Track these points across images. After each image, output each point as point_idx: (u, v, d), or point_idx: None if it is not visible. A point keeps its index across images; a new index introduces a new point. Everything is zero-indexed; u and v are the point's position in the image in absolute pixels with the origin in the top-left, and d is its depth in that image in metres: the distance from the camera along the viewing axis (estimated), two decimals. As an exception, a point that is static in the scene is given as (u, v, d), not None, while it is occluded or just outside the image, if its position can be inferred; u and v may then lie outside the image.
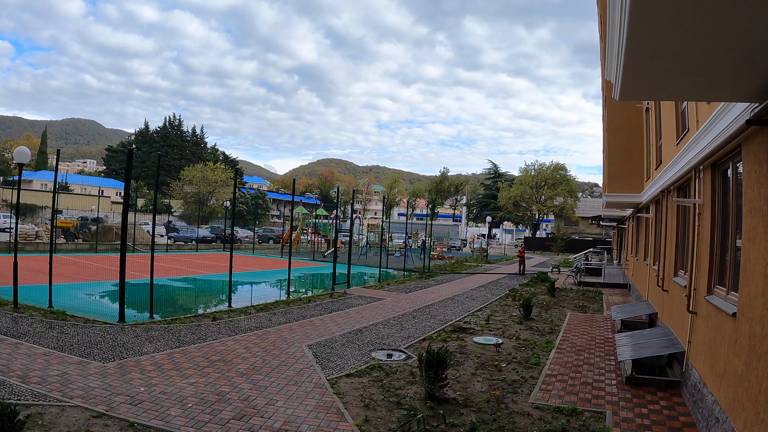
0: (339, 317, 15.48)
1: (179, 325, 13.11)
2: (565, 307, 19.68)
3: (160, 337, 11.78)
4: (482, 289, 25.44)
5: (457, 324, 15.48)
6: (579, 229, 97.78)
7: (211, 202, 71.05)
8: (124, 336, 11.74)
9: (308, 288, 24.52)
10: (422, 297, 21.08)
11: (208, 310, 15.33)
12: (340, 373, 9.73)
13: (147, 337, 11.79)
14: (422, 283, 26.32)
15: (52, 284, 14.78)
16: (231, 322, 13.81)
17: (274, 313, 15.59)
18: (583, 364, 11.33)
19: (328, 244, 45.94)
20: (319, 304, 17.64)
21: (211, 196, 71.78)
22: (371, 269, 33.14)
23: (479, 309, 18.75)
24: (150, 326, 12.88)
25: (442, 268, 35.68)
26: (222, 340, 11.84)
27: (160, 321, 13.54)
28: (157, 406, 7.50)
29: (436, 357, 8.44)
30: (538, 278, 30.45)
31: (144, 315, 14.25)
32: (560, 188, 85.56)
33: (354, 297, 19.86)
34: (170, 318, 13.97)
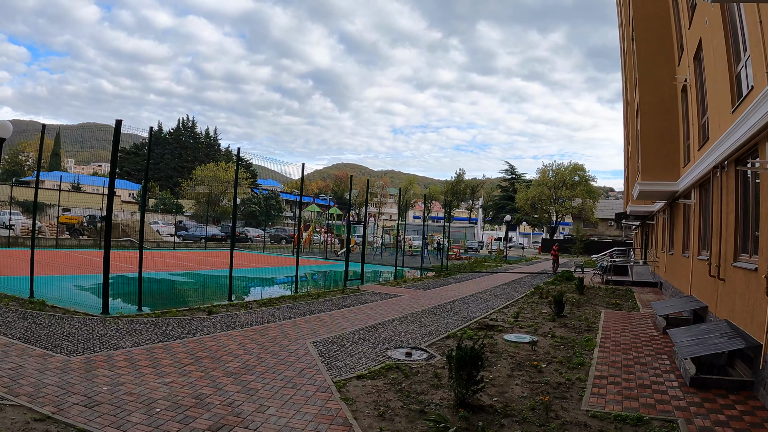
0: (350, 313, 13.83)
1: (168, 319, 11.54)
2: (597, 305, 18.23)
3: (142, 331, 10.21)
4: (505, 287, 23.72)
5: (483, 321, 13.83)
6: (598, 231, 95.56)
7: (223, 203, 69.78)
8: (102, 328, 10.21)
9: (319, 285, 22.96)
10: (442, 294, 19.40)
11: (205, 304, 13.72)
12: (350, 374, 8.08)
13: (128, 330, 10.22)
14: (441, 281, 24.63)
15: (44, 276, 13.48)
16: (228, 317, 12.21)
17: (278, 308, 13.97)
18: (634, 363, 9.73)
19: (342, 243, 44.36)
20: (329, 300, 16.01)
21: (223, 196, 70.51)
22: (386, 268, 31.57)
23: (505, 306, 17.11)
24: (135, 319, 11.33)
25: (461, 268, 33.98)
26: (214, 335, 10.24)
27: (148, 314, 11.98)
28: (116, 410, 5.94)
29: (469, 355, 6.78)
30: (563, 277, 29.11)
31: (132, 307, 12.69)
32: (579, 189, 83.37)
33: (368, 293, 18.21)
34: (160, 311, 12.40)
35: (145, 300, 13.76)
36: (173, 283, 19.96)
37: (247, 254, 36.95)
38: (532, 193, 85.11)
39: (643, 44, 21.59)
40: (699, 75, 15.51)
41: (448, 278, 26.09)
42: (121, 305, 13.11)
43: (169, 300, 15.43)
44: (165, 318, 11.61)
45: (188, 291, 18.48)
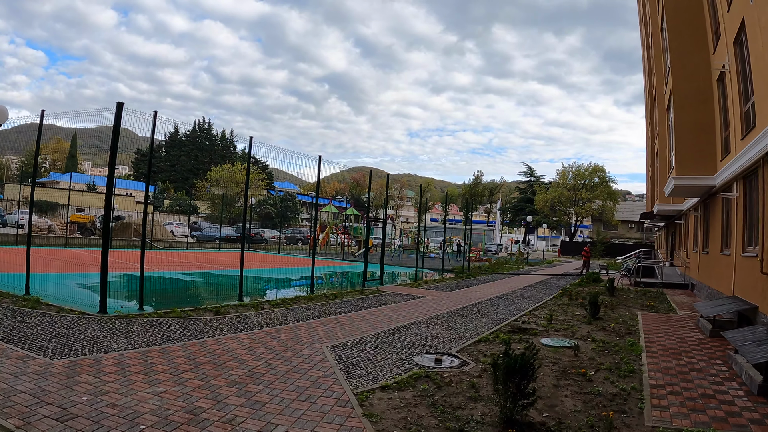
0: (371, 315, 12.70)
1: (171, 319, 10.48)
2: (631, 307, 17.13)
3: (140, 332, 9.17)
4: (531, 288, 22.50)
5: (515, 324, 12.66)
6: (618, 234, 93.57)
7: (239, 204, 69.04)
8: (96, 328, 9.20)
9: (336, 286, 21.89)
10: (466, 295, 18.23)
11: (213, 304, 12.66)
12: (373, 384, 6.95)
13: (125, 331, 9.19)
14: (463, 282, 23.44)
15: (46, 273, 12.58)
16: (237, 318, 11.14)
17: (292, 309, 12.88)
18: (689, 370, 8.59)
19: (359, 245, 43.28)
20: (347, 301, 14.90)
21: (238, 197, 69.77)
22: (404, 269, 30.43)
23: (535, 308, 15.91)
24: (134, 319, 10.30)
25: (483, 269, 32.74)
26: (219, 337, 9.15)
27: (149, 314, 10.94)
28: (92, 426, 4.88)
29: (518, 363, 5.63)
30: (590, 279, 27.96)
31: (133, 307, 11.66)
32: (599, 190, 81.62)
33: (388, 294, 17.07)
34: (163, 311, 11.35)
35: (150, 299, 12.83)
36: (182, 282, 19.00)
37: (262, 255, 36.02)
38: (551, 195, 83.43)
39: (676, 34, 20.71)
40: (740, 59, 14.50)
41: (470, 280, 24.90)
42: (122, 304, 12.06)
43: (176, 300, 14.43)
44: (167, 318, 10.56)
45: (197, 291, 17.46)
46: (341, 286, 21.83)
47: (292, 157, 14.89)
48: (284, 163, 61.53)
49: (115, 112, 11.21)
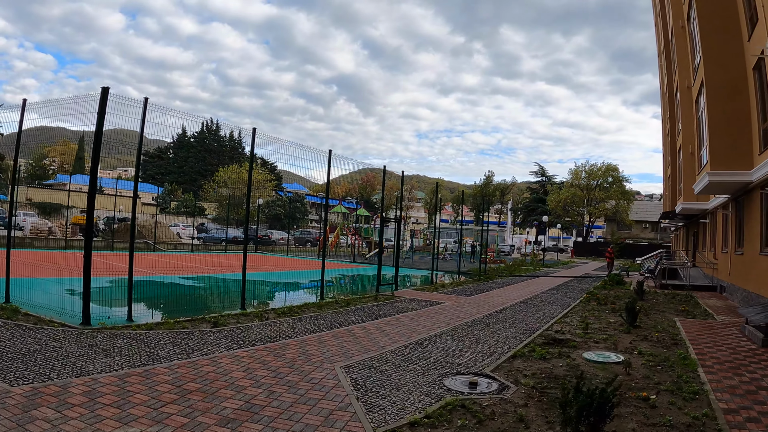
0: (388, 325, 11.35)
1: (162, 332, 9.19)
2: (665, 312, 15.90)
3: (123, 349, 7.88)
4: (554, 292, 21.13)
5: (548, 334, 11.33)
6: (632, 234, 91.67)
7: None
8: (74, 345, 7.94)
9: (347, 291, 20.60)
10: (488, 300, 16.88)
11: (212, 314, 11.35)
12: (398, 419, 5.61)
13: (106, 347, 7.91)
14: (482, 285, 22.07)
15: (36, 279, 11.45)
16: (237, 330, 9.82)
17: (300, 318, 11.55)
18: (756, 389, 7.37)
19: (370, 246, 41.93)
20: (360, 308, 13.56)
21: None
22: (417, 271, 29.08)
23: (564, 315, 14.57)
24: (120, 332, 9.02)
25: (499, 271, 31.39)
26: (215, 355, 7.84)
27: (138, 325, 9.65)
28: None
29: (596, 402, 4.29)
30: (613, 281, 26.56)
31: (121, 316, 10.38)
32: (613, 190, 79.94)
33: (404, 300, 15.72)
34: (154, 322, 10.05)
35: (142, 308, 11.58)
36: (181, 288, 17.67)
37: (270, 257, 34.76)
38: (564, 195, 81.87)
39: (707, 22, 19.76)
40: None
41: (488, 283, 23.53)
42: (110, 314, 10.75)
43: (171, 308, 13.10)
44: (157, 332, 9.27)
45: (196, 297, 16.10)
46: (353, 291, 20.53)
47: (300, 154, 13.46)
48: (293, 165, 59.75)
49: (100, 98, 9.95)
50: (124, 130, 10.58)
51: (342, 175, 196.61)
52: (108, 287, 15.04)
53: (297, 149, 14.16)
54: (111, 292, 14.03)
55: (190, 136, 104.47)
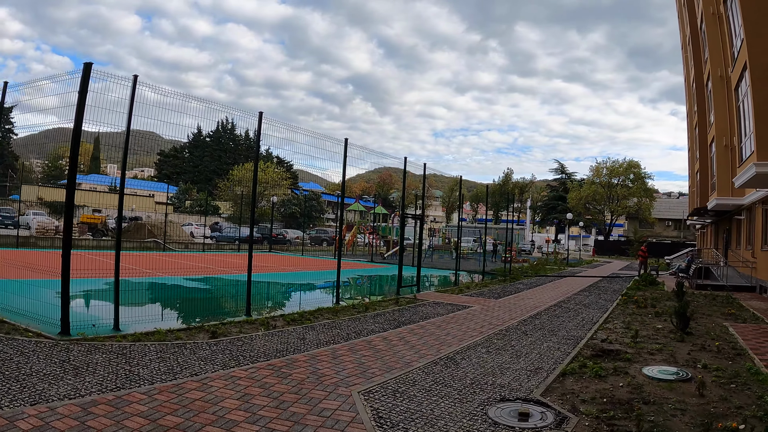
0: (412, 334, 9.92)
1: (149, 345, 7.86)
2: (711, 316, 14.57)
3: (99, 367, 6.57)
4: (586, 293, 19.62)
5: (595, 344, 9.91)
6: (655, 232, 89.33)
7: (262, 204, 66.74)
8: (43, 360, 6.69)
9: (365, 293, 19.20)
10: (519, 304, 15.41)
11: (212, 321, 9.99)
12: (439, 473, 4.21)
13: (79, 364, 6.61)
14: (509, 286, 20.59)
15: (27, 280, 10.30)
16: (238, 342, 8.46)
17: (312, 326, 10.16)
18: None
19: (388, 245, 40.50)
20: (380, 314, 12.15)
21: (261, 197, 67.47)
22: (437, 271, 27.61)
23: (605, 320, 13.11)
24: (101, 344, 7.71)
25: (524, 271, 29.87)
26: (206, 376, 6.48)
27: (123, 336, 8.32)
28: None
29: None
30: (646, 281, 25.06)
31: (107, 325, 9.07)
32: (635, 187, 77.81)
33: (428, 304, 14.27)
34: (143, 331, 8.70)
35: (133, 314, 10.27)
36: (183, 290, 16.35)
37: (284, 257, 33.43)
38: (585, 192, 79.88)
39: (751, 3, 18.35)
40: None
41: (515, 283, 22.04)
42: (96, 321, 9.41)
43: (167, 314, 11.75)
44: (144, 344, 7.93)
45: (198, 301, 14.72)
46: (372, 293, 19.13)
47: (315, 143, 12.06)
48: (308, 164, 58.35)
49: (82, 74, 8.66)
50: (140, 131, 9.77)
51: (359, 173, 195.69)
52: (104, 290, 13.80)
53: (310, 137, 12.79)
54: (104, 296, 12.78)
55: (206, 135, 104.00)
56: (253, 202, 12.43)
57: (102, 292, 13.57)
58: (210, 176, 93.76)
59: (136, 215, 45.05)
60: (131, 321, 9.70)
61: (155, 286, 16.40)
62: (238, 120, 10.17)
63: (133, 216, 44.34)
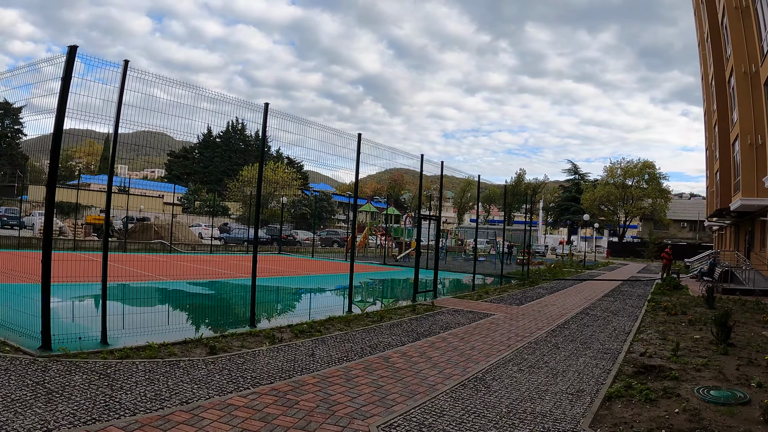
0: (434, 349, 8.93)
1: (140, 363, 6.93)
2: (747, 324, 13.61)
3: (76, 391, 5.66)
4: (611, 299, 18.59)
5: (634, 358, 8.99)
6: (670, 234, 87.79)
7: (272, 204, 65.91)
8: (14, 382, 5.91)
9: (379, 297, 18.21)
10: (543, 311, 14.41)
11: (213, 332, 9.05)
12: None
13: (54, 387, 5.72)
14: (529, 291, 19.57)
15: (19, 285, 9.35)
16: (239, 359, 7.51)
17: (322, 339, 9.20)
18: None
19: (400, 247, 39.50)
20: (397, 324, 11.16)
21: (271, 197, 66.66)
22: (454, 275, 26.59)
23: (638, 329, 12.16)
24: (84, 361, 6.80)
25: (541, 274, 28.83)
26: (198, 405, 5.52)
27: (111, 351, 7.40)
28: None
29: None
30: (670, 285, 23.96)
31: (95, 337, 8.17)
32: (651, 187, 76.33)
33: (447, 311, 13.28)
34: (134, 346, 7.77)
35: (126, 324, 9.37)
36: (184, 296, 15.35)
37: (294, 259, 32.48)
38: (599, 193, 78.47)
39: None
40: None
41: (535, 288, 21.01)
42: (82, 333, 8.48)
43: (162, 324, 10.65)
44: (133, 361, 7.01)
45: (198, 309, 13.63)
46: (386, 297, 18.13)
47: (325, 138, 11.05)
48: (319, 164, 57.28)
49: (66, 58, 7.76)
50: (152, 132, 9.09)
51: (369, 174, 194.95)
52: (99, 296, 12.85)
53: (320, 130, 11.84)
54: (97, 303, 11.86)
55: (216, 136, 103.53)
56: (258, 200, 11.45)
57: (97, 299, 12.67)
58: (220, 177, 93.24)
59: (144, 216, 44.28)
60: (122, 333, 8.82)
61: (154, 291, 15.48)
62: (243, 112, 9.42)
63: (141, 217, 43.58)
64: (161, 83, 9.00)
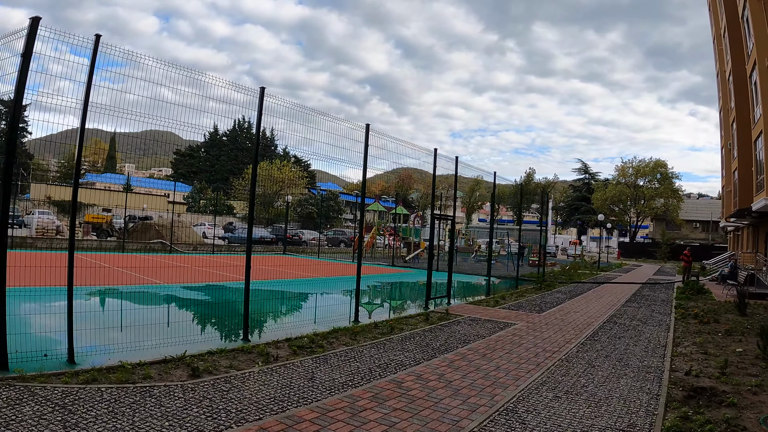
0: (453, 369, 7.74)
1: (105, 390, 5.80)
2: None
3: (21, 429, 4.54)
4: (635, 305, 17.38)
5: (680, 379, 7.89)
6: (682, 234, 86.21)
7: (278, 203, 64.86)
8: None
9: (388, 302, 17.03)
10: (567, 319, 13.21)
11: (200, 349, 7.86)
12: None
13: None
14: (547, 296, 18.36)
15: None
16: (225, 384, 6.36)
17: (324, 357, 8.03)
18: None
19: (409, 247, 38.29)
20: (409, 336, 9.98)
21: (277, 196, 65.61)
22: (465, 277, 25.31)
23: (675, 341, 10.99)
24: (40, 388, 5.69)
25: (557, 276, 27.62)
26: (165, 453, 4.41)
27: (76, 373, 6.29)
28: None
29: None
30: (693, 289, 22.60)
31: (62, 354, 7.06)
32: (663, 187, 74.76)
33: (464, 320, 12.08)
34: (104, 366, 6.65)
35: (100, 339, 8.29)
36: (172, 302, 14.07)
37: (299, 260, 31.29)
38: (611, 193, 76.95)
39: None
40: None
41: (552, 292, 19.79)
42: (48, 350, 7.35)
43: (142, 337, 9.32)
44: (98, 387, 5.88)
45: (187, 318, 12.31)
46: (395, 301, 16.91)
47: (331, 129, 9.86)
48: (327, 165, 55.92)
49: (28, 31, 6.65)
50: (159, 132, 9.05)
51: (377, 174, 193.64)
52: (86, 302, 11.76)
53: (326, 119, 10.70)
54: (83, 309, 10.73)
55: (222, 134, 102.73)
56: (252, 191, 10.26)
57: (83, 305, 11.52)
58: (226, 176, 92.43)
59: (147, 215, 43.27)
60: (95, 349, 7.72)
61: (140, 297, 14.23)
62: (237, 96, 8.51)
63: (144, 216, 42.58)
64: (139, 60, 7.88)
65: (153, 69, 8.12)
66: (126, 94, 7.72)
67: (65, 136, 9.95)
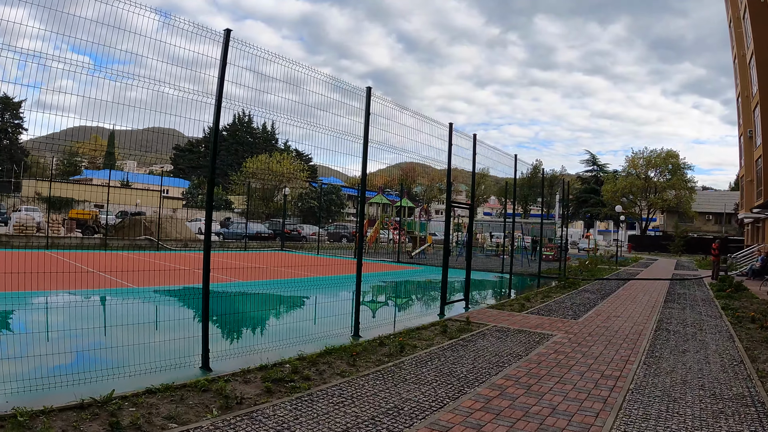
0: (492, 415, 5.48)
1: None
2: None
3: None
4: (676, 305, 15.23)
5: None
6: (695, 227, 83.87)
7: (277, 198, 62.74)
8: None
9: (395, 306, 14.79)
10: (609, 327, 11.00)
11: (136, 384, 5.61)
12: None
13: None
14: (575, 296, 16.13)
15: None
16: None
17: (309, 397, 5.77)
18: None
19: (414, 242, 36.06)
20: (425, 358, 7.71)
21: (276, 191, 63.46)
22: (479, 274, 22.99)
23: (749, 355, 8.78)
24: None
25: (577, 272, 25.46)
26: None
27: None
28: None
29: None
30: (731, 286, 20.43)
31: None
32: (675, 178, 72.32)
33: (490, 332, 9.82)
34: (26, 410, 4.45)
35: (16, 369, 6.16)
36: (130, 314, 11.04)
37: (296, 256, 28.99)
38: (621, 185, 74.55)
39: None
40: None
41: (580, 291, 17.57)
42: None
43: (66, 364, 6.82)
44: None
45: (135, 335, 8.96)
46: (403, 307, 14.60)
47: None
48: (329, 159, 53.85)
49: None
50: (162, 128, 8.90)
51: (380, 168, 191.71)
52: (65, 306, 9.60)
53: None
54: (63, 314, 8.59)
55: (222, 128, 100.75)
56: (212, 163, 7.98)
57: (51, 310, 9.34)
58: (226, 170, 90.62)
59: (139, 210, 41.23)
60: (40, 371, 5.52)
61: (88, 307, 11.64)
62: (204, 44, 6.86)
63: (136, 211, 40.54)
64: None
65: None
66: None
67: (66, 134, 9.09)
